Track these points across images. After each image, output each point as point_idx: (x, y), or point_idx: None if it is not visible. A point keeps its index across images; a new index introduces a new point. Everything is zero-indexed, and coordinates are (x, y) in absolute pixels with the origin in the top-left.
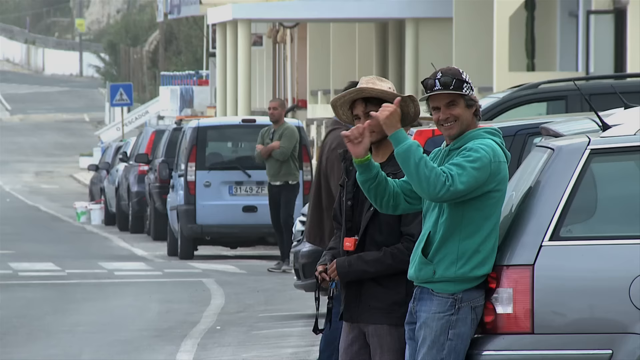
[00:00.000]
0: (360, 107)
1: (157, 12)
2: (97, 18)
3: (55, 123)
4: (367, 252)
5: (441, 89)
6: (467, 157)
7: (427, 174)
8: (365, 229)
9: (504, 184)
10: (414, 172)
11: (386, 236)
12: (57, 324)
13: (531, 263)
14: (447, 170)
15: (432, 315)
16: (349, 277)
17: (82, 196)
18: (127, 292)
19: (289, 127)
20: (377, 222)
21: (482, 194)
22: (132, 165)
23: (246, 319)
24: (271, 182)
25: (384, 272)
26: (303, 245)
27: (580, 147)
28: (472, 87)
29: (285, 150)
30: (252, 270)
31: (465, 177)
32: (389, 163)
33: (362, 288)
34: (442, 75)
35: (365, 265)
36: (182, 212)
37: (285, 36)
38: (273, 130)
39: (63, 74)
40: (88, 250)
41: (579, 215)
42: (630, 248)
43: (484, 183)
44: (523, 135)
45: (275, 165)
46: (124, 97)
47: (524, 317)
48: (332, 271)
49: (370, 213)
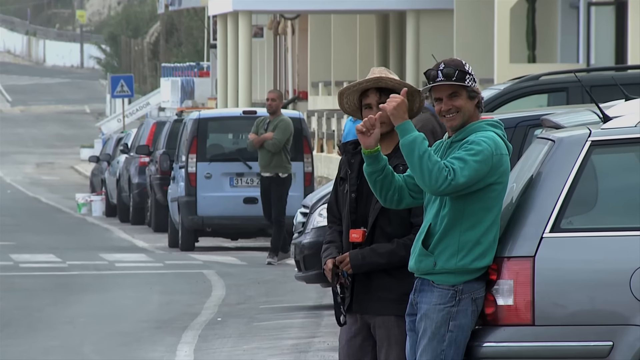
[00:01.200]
0: (374, 97)
1: (158, 4)
2: (98, 9)
3: (56, 114)
4: (379, 244)
5: (443, 80)
6: (469, 151)
7: (430, 167)
8: (375, 220)
9: (505, 177)
10: (417, 164)
11: (396, 227)
12: (57, 315)
13: (532, 255)
14: (449, 164)
15: (432, 306)
16: (362, 269)
17: (83, 187)
18: (128, 283)
19: (284, 119)
20: (387, 214)
21: (484, 187)
22: (133, 156)
23: (247, 310)
24: (262, 173)
25: (397, 264)
26: (304, 237)
27: (581, 139)
28: (474, 79)
29: (277, 142)
30: (252, 262)
31: (467, 170)
32: (395, 155)
33: (371, 279)
34: (444, 66)
35: (378, 258)
36: (183, 204)
37: (286, 28)
38: (269, 121)
39: (64, 66)
40: (89, 241)
41: (579, 207)
42: (631, 240)
43: (485, 176)
44: (524, 127)
45: (267, 156)
46: (124, 89)
47: (525, 309)
48: (345, 264)
49: (380, 205)
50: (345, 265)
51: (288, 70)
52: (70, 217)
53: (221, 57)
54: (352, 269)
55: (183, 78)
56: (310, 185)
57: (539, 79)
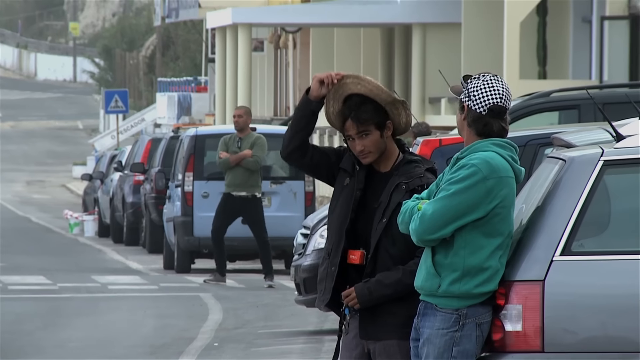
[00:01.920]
0: (352, 129)
1: (155, 16)
2: (92, 22)
3: (48, 130)
4: (384, 274)
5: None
6: (452, 179)
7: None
8: (379, 242)
9: (508, 200)
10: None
11: (401, 248)
12: (48, 339)
13: (541, 278)
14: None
15: (435, 331)
16: (371, 304)
17: (75, 207)
18: (121, 306)
19: (261, 137)
20: (390, 234)
21: (485, 214)
22: (127, 174)
23: (245, 335)
24: (233, 192)
25: (404, 292)
26: (305, 259)
27: (593, 159)
28: (469, 94)
29: (258, 159)
30: (251, 285)
31: (440, 214)
32: (396, 173)
33: (377, 304)
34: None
35: (386, 290)
36: (179, 224)
37: (288, 41)
38: (239, 138)
39: (56, 80)
40: (81, 263)
41: (591, 229)
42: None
43: (480, 202)
44: (534, 146)
45: (244, 175)
46: (119, 104)
47: (534, 335)
48: (351, 299)
49: (383, 225)
50: (351, 300)
51: (289, 86)
52: (62, 238)
53: (219, 72)
54: (360, 304)
55: (180, 93)
56: (311, 205)
57: (550, 96)
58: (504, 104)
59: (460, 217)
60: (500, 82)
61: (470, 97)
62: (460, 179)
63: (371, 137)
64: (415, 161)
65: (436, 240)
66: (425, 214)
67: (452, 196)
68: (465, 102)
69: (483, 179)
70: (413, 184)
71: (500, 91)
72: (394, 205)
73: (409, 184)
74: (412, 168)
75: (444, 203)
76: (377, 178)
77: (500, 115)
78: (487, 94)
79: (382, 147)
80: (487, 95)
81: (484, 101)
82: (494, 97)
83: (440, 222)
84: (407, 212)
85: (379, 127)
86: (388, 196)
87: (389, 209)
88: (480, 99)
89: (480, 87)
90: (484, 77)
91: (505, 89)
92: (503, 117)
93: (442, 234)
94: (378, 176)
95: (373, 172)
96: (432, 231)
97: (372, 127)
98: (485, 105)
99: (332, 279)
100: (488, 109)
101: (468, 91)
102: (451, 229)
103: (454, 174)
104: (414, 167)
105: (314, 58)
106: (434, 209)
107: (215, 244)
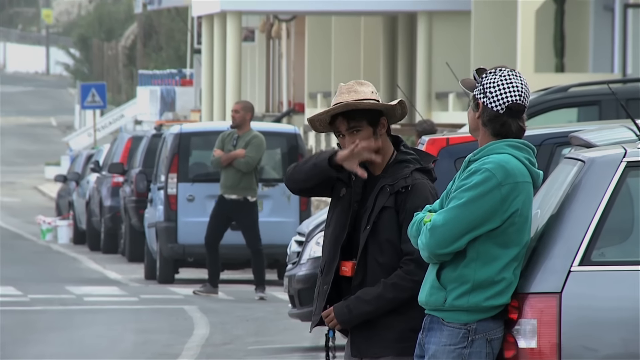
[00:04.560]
0: (343, 125)
1: (135, 3)
2: (67, 8)
3: (18, 128)
4: (364, 290)
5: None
6: (463, 186)
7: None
8: (365, 250)
9: (526, 208)
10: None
11: (391, 257)
12: (18, 355)
13: (558, 291)
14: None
15: (441, 347)
16: (352, 323)
17: (48, 211)
18: (98, 320)
19: (258, 135)
20: (377, 241)
21: (501, 224)
22: (105, 176)
23: (234, 351)
24: (225, 194)
25: (388, 306)
26: (299, 269)
27: (615, 160)
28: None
29: (251, 160)
30: (240, 297)
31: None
32: (385, 174)
33: (371, 319)
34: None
35: (366, 306)
36: (162, 230)
37: (281, 31)
38: (237, 136)
39: (27, 72)
40: (54, 272)
41: (612, 236)
42: None
43: (495, 210)
44: (550, 145)
45: (235, 176)
46: (96, 99)
47: (550, 352)
48: (329, 320)
49: (367, 231)
50: (330, 321)
51: (282, 79)
52: (33, 245)
53: (206, 64)
54: (340, 324)
55: (163, 87)
56: (306, 210)
57: (568, 91)
58: (523, 102)
59: (474, 227)
60: (519, 77)
61: (485, 94)
62: (473, 185)
63: (363, 133)
64: (406, 160)
65: (449, 255)
66: (435, 226)
67: (464, 205)
68: (480, 99)
69: (498, 185)
70: (397, 186)
71: (519, 88)
72: (378, 209)
73: (394, 186)
74: (400, 168)
75: (456, 213)
76: (370, 183)
77: (519, 115)
78: (505, 91)
79: (375, 146)
80: (505, 92)
81: (502, 99)
82: (513, 94)
83: (453, 234)
84: (415, 224)
85: (371, 123)
86: (373, 200)
87: (373, 214)
88: (498, 96)
89: (497, 83)
90: (501, 72)
91: (524, 86)
92: (521, 116)
93: (456, 247)
94: (372, 180)
95: (368, 177)
96: (444, 245)
97: (364, 122)
98: (503, 103)
99: (324, 299)
100: (506, 108)
101: (483, 87)
102: (465, 241)
103: (465, 180)
104: (403, 167)
105: (310, 49)
106: (445, 220)
107: (209, 251)
